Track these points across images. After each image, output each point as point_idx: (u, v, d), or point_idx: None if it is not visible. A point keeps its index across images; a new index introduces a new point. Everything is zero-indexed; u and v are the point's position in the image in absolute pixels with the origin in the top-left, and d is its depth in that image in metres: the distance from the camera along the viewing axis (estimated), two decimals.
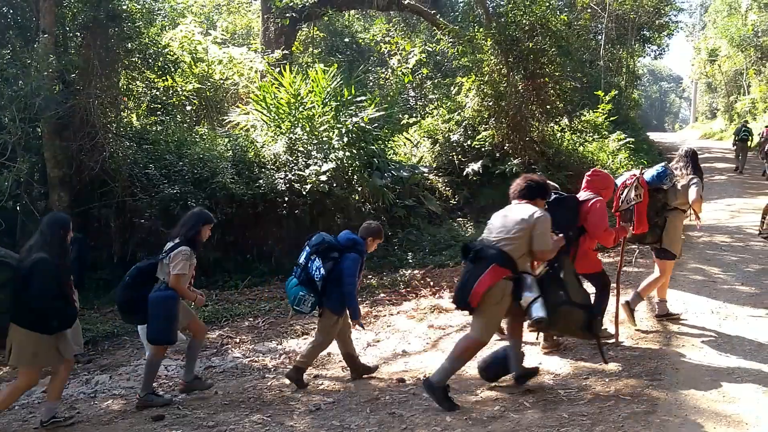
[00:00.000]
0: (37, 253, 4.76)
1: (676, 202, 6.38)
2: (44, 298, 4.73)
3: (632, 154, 17.79)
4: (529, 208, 4.87)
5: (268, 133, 11.58)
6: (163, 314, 5.14)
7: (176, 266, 5.17)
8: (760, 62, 34.57)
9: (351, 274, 5.44)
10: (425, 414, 4.82)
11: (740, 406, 4.60)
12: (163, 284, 5.22)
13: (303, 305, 5.49)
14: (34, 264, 4.71)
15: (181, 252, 5.21)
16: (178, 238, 5.32)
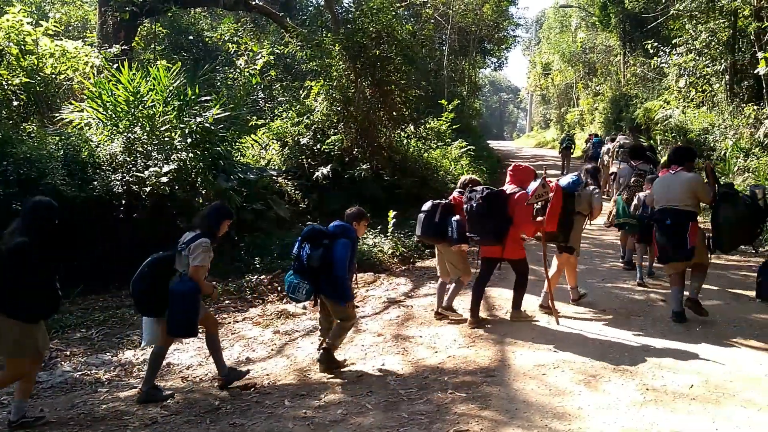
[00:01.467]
0: (18, 238, 4.62)
1: (580, 207, 7.20)
2: (24, 284, 4.61)
3: (473, 160, 18.68)
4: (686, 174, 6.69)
5: (103, 132, 10.91)
6: (184, 307, 5.09)
7: (197, 258, 5.11)
8: (588, 77, 37.55)
9: (342, 258, 5.58)
10: (267, 422, 4.76)
11: (565, 399, 4.95)
12: (184, 276, 5.12)
13: (298, 293, 5.65)
14: (14, 247, 4.58)
15: (201, 243, 5.15)
16: (198, 230, 5.25)
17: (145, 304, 5.32)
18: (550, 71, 44.07)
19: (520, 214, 6.65)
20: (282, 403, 5.10)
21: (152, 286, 5.19)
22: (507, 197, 6.77)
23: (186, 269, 5.17)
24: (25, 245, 4.64)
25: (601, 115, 31.30)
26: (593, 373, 5.46)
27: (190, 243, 5.18)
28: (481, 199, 6.58)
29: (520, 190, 6.78)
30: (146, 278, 5.23)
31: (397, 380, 5.51)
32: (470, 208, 6.68)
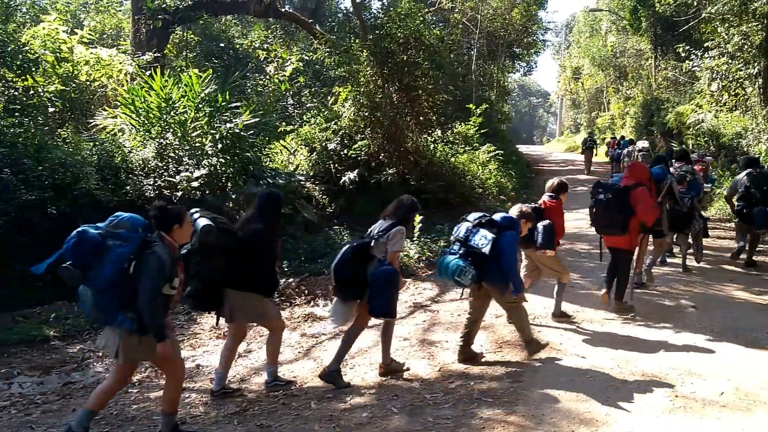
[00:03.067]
0: (254, 225, 5.23)
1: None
2: (258, 265, 5.20)
3: (501, 165, 18.62)
4: None
5: (136, 138, 11.15)
6: (387, 288, 5.41)
7: (395, 243, 5.52)
8: (618, 81, 37.16)
9: (511, 250, 5.78)
10: (294, 424, 4.82)
11: (592, 404, 4.93)
12: (383, 261, 5.47)
13: (463, 276, 5.67)
14: (253, 234, 5.17)
15: (399, 230, 5.56)
16: (392, 218, 5.64)
17: (347, 288, 5.56)
18: (580, 75, 43.73)
19: (643, 206, 7.12)
20: (308, 406, 5.16)
21: (354, 271, 5.47)
22: (630, 191, 7.19)
23: (384, 255, 5.49)
24: (260, 231, 5.23)
25: (632, 120, 30.97)
26: (621, 378, 5.43)
27: (388, 231, 5.54)
28: (612, 194, 7.16)
29: (638, 184, 7.23)
30: (348, 264, 5.49)
31: (422, 384, 5.53)
32: (598, 202, 7.25)
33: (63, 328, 7.75)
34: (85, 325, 7.95)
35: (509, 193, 16.83)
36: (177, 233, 4.53)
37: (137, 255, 4.24)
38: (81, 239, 4.28)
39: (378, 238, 5.56)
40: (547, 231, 6.70)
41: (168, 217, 4.51)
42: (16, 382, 6.42)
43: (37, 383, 6.36)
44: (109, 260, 4.24)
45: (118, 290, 4.23)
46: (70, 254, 4.29)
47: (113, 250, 4.26)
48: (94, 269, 4.26)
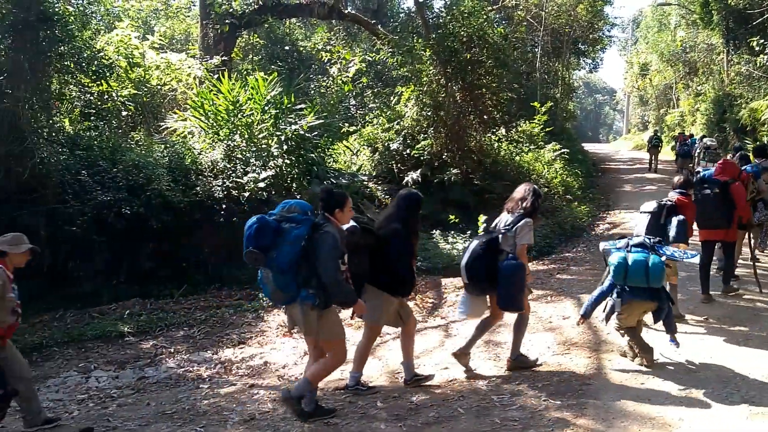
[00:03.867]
0: (394, 224, 5.28)
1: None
2: (398, 264, 5.24)
3: (567, 164, 18.28)
4: None
5: (205, 140, 11.44)
6: (515, 282, 5.44)
7: (524, 236, 5.49)
8: (688, 77, 35.95)
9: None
10: (360, 422, 4.85)
11: (664, 408, 4.79)
12: (512, 255, 5.46)
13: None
14: (392, 233, 5.23)
15: (527, 224, 5.52)
16: (518, 211, 5.60)
17: (478, 283, 5.61)
18: (647, 71, 42.50)
19: (741, 201, 7.42)
20: (374, 404, 5.17)
21: (485, 266, 5.50)
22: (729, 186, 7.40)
23: (512, 248, 5.48)
24: (399, 231, 5.27)
25: (702, 116, 29.90)
26: (694, 382, 5.25)
27: (516, 223, 5.52)
28: (719, 188, 7.35)
29: (733, 180, 7.47)
30: (479, 260, 5.54)
31: (489, 386, 5.48)
32: (706, 197, 7.36)
33: (137, 325, 8.02)
34: (157, 322, 8.22)
35: (575, 192, 16.52)
36: (339, 216, 4.90)
37: (310, 235, 4.61)
38: (262, 224, 4.61)
39: (506, 231, 5.56)
40: (681, 225, 6.61)
41: (332, 200, 4.91)
42: (93, 376, 6.69)
43: (112, 377, 6.61)
44: (287, 241, 4.60)
45: (297, 269, 4.61)
46: (254, 239, 4.58)
47: (290, 232, 4.62)
48: (273, 251, 4.58)
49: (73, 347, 7.66)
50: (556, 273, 10.16)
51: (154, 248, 9.71)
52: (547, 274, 10.15)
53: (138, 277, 9.55)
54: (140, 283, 9.43)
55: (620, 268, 5.54)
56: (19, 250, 5.03)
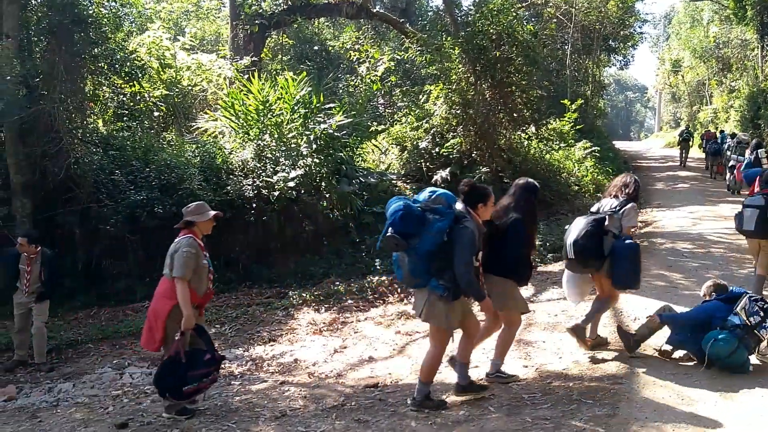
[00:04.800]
0: (513, 214, 5.28)
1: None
2: (517, 253, 5.29)
3: (598, 162, 18.09)
4: None
5: (236, 140, 11.55)
6: (631, 261, 5.70)
7: (631, 219, 5.88)
8: (722, 73, 35.30)
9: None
10: (390, 420, 4.86)
11: (698, 408, 4.71)
12: (622, 235, 5.74)
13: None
14: (513, 222, 5.24)
15: (633, 207, 5.92)
16: (622, 196, 5.94)
17: (587, 259, 5.78)
18: (680, 68, 41.87)
19: None
20: (405, 402, 5.17)
21: (595, 243, 5.69)
22: None
23: (618, 230, 5.73)
24: (519, 221, 5.29)
25: (736, 113, 29.35)
26: (729, 382, 5.16)
27: (623, 206, 5.84)
28: None
29: None
30: (590, 236, 5.69)
31: (519, 384, 5.45)
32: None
33: None
34: None
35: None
36: (481, 210, 4.97)
37: (450, 228, 4.67)
38: (408, 212, 4.68)
39: (612, 213, 5.81)
40: None
41: (476, 195, 4.97)
42: (127, 372, 6.80)
43: (146, 374, 6.70)
44: (430, 231, 4.66)
45: (433, 258, 4.67)
46: (399, 224, 4.65)
47: (434, 224, 4.68)
48: (415, 238, 4.67)
49: (107, 344, 7.80)
50: None
51: None
52: None
53: None
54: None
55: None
56: (205, 218, 5.23)
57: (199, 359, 5.01)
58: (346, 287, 9.39)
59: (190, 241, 5.07)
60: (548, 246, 11.41)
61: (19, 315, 7.39)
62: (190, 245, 5.04)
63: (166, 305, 5.02)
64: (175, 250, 5.05)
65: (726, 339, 5.26)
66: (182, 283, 4.95)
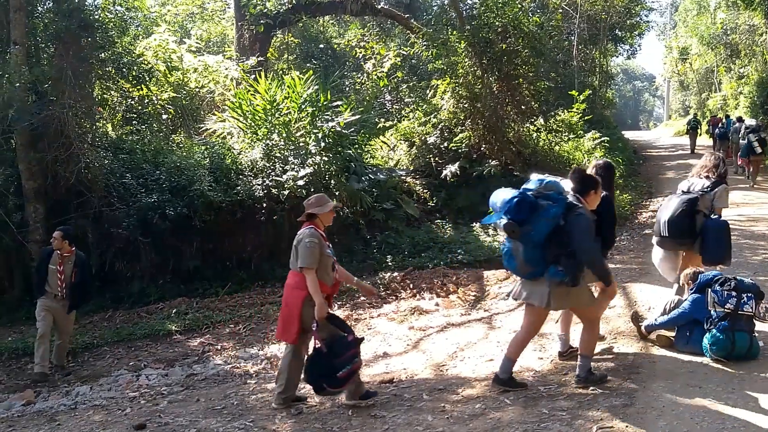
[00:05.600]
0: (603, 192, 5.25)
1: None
2: (612, 231, 5.46)
3: (607, 152, 17.98)
4: None
5: (244, 140, 11.58)
6: (722, 239, 5.91)
7: (723, 200, 6.03)
8: (730, 60, 35.05)
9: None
10: (407, 414, 4.86)
11: (715, 396, 4.69)
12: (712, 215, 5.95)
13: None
14: (603, 201, 5.22)
15: (725, 189, 6.06)
16: (714, 177, 6.07)
17: (682, 236, 6.00)
18: (687, 56, 41.58)
19: None
20: (420, 397, 5.18)
21: (689, 222, 5.91)
22: None
23: (708, 210, 5.94)
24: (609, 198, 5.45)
25: (746, 99, 29.13)
26: (744, 373, 5.13)
27: (714, 187, 5.97)
28: None
29: None
30: (685, 215, 5.91)
31: (535, 376, 5.45)
32: None
33: (183, 323, 8.17)
34: (203, 319, 8.36)
35: (617, 180, 16.22)
36: (591, 198, 5.00)
37: (564, 215, 4.73)
38: (523, 198, 4.75)
39: (704, 193, 5.97)
40: None
41: (589, 182, 5.03)
42: (144, 374, 6.84)
43: (162, 375, 6.74)
44: (544, 217, 4.72)
45: (548, 246, 4.74)
46: (514, 210, 4.73)
47: (548, 210, 4.72)
48: (529, 226, 4.73)
49: (123, 346, 7.85)
50: None
51: (198, 247, 9.88)
52: None
53: (183, 276, 9.75)
54: (185, 282, 9.62)
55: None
56: (326, 209, 5.27)
57: (342, 344, 5.03)
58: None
59: (312, 231, 5.12)
60: None
61: (43, 319, 6.97)
62: (312, 235, 5.09)
63: (299, 296, 5.09)
64: (298, 241, 5.12)
65: (717, 341, 5.28)
66: (310, 272, 5.01)
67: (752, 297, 5.42)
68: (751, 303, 5.39)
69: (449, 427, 4.55)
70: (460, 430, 4.50)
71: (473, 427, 4.51)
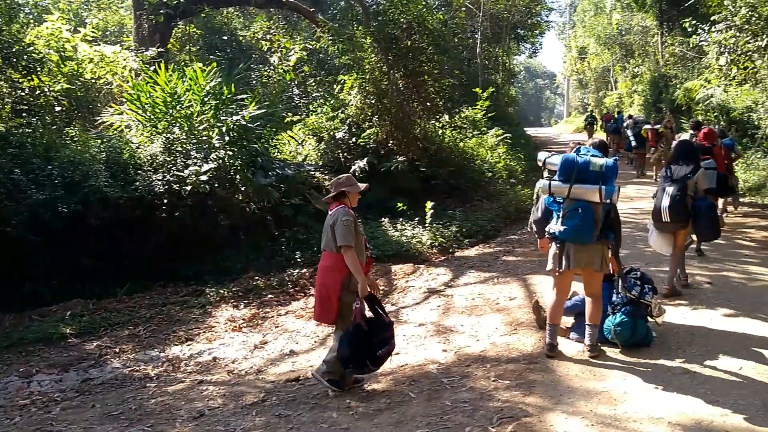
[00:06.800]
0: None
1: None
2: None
3: (510, 148, 18.51)
4: None
5: (143, 134, 11.14)
6: (710, 217, 6.97)
7: (704, 183, 7.01)
8: (625, 59, 36.78)
9: None
10: (312, 412, 4.82)
11: (609, 383, 4.91)
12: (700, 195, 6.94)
13: None
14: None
15: (703, 172, 7.03)
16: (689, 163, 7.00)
17: (680, 218, 6.91)
18: (586, 55, 43.37)
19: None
20: (326, 394, 5.15)
21: (685, 205, 6.85)
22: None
23: (694, 192, 6.88)
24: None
25: (640, 98, 30.70)
26: (638, 356, 5.40)
27: (695, 172, 6.91)
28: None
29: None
30: (681, 200, 6.84)
31: (439, 369, 5.52)
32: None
33: (79, 326, 7.79)
34: (101, 321, 8.00)
35: (519, 175, 16.74)
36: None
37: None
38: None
39: (690, 178, 6.88)
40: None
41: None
42: (36, 380, 6.47)
43: (56, 381, 6.40)
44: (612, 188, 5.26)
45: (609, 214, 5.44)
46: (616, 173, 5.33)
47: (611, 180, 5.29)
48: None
49: (13, 351, 7.37)
50: (502, 255, 10.30)
51: (94, 246, 9.42)
52: (493, 256, 10.28)
53: (79, 276, 9.26)
54: (82, 283, 9.16)
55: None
56: (356, 189, 5.33)
57: (381, 323, 5.12)
58: (265, 282, 9.25)
59: (346, 210, 5.15)
60: (465, 232, 11.59)
61: None
62: (347, 214, 5.11)
63: (337, 277, 5.05)
64: (333, 221, 5.10)
65: (622, 323, 5.54)
66: (350, 251, 4.98)
67: (651, 289, 5.72)
68: (650, 294, 5.68)
69: (354, 423, 4.55)
70: (364, 426, 4.50)
71: (378, 423, 4.53)
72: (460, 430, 4.31)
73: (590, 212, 5.23)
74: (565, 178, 5.28)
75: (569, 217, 5.27)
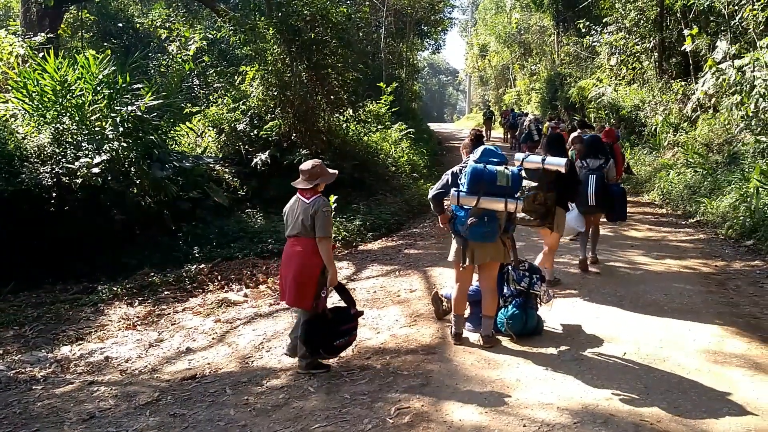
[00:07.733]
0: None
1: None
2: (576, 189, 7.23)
3: (413, 143, 18.76)
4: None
5: (30, 123, 10.54)
6: (624, 201, 8.26)
7: (614, 171, 8.08)
8: (523, 57, 37.98)
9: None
10: (209, 410, 4.72)
11: (503, 371, 5.07)
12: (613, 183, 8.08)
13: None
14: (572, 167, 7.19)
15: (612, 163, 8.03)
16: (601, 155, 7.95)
17: (602, 205, 7.87)
18: (486, 53, 44.46)
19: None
20: (224, 391, 5.06)
21: (604, 192, 7.79)
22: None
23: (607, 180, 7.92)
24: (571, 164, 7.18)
25: (537, 95, 31.79)
26: (529, 345, 5.60)
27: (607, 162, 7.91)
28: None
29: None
30: (603, 187, 7.78)
31: (339, 362, 5.53)
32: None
33: None
34: None
35: (421, 170, 16.99)
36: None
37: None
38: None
39: (604, 167, 7.81)
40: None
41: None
42: None
43: None
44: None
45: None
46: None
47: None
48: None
49: None
50: (404, 248, 10.42)
51: None
52: (396, 249, 10.39)
53: None
54: None
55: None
56: (332, 178, 5.42)
57: (346, 314, 5.30)
58: (161, 278, 8.95)
59: (325, 201, 5.25)
60: (368, 225, 11.65)
61: None
62: (327, 205, 5.23)
63: (318, 264, 5.11)
64: (314, 210, 5.13)
65: (513, 316, 5.75)
66: (327, 242, 5.12)
67: (539, 279, 5.94)
68: (539, 284, 5.91)
69: (251, 420, 4.49)
70: (262, 422, 4.45)
71: (276, 419, 4.48)
72: (358, 422, 4.33)
73: (495, 221, 5.40)
74: (473, 190, 5.32)
75: (477, 225, 5.36)
